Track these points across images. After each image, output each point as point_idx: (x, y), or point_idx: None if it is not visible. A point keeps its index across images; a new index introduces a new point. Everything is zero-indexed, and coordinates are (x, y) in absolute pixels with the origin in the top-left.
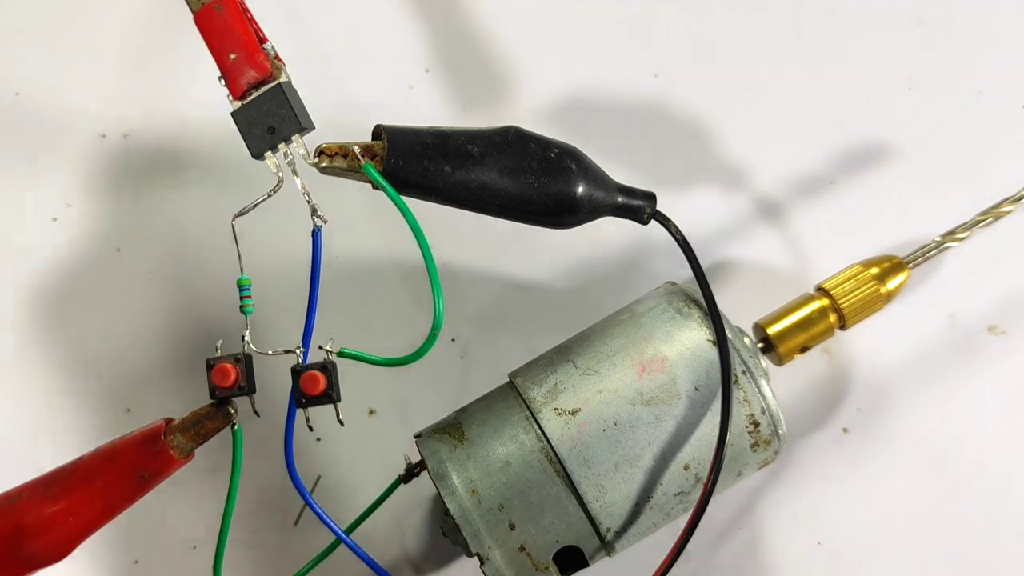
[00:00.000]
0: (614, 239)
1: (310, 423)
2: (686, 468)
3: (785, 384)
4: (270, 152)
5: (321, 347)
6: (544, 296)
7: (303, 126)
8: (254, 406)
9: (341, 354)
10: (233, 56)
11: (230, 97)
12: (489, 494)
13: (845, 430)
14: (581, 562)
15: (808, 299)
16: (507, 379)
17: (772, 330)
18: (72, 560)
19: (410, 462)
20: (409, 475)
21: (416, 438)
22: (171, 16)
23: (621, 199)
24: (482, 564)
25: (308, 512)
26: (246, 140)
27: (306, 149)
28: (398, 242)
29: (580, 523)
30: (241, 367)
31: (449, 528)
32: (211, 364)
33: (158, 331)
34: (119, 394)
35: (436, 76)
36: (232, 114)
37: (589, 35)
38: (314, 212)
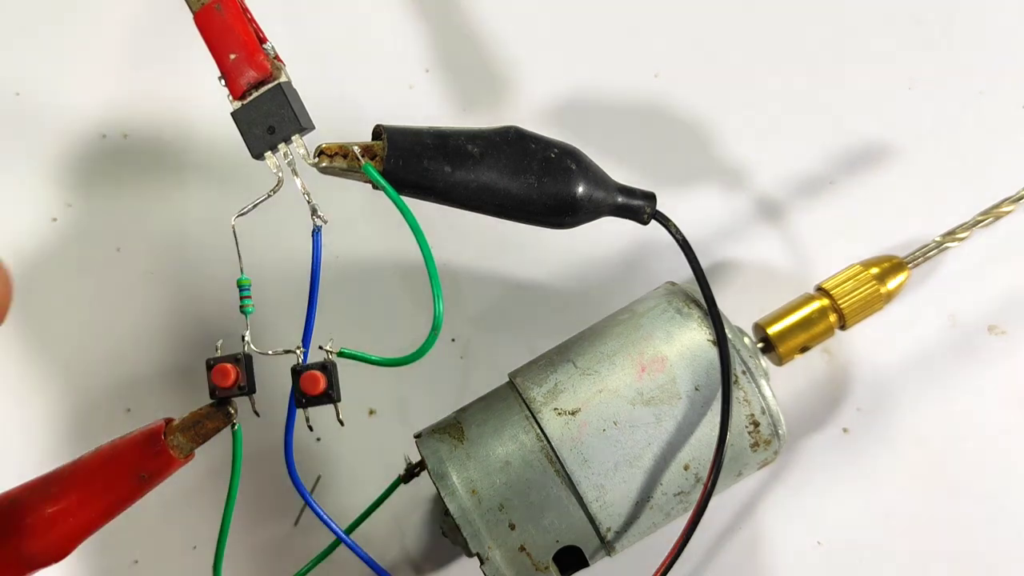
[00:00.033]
0: (614, 239)
1: (310, 423)
2: (686, 468)
3: (785, 384)
4: (270, 152)
5: (321, 347)
6: (544, 296)
7: (303, 126)
8: (254, 406)
9: (341, 354)
10: (233, 56)
11: (230, 97)
12: (489, 494)
13: (845, 430)
14: (581, 562)
15: (808, 299)
16: (507, 379)
17: (772, 330)
18: (72, 560)
19: (410, 462)
20: (409, 475)
21: (416, 438)
22: (171, 16)
23: (621, 199)
24: (482, 564)
25: (308, 512)
26: (246, 140)
27: (306, 149)
28: (398, 242)
29: (580, 523)
30: (241, 367)
31: (449, 528)
32: (211, 364)
33: (158, 331)
34: (119, 394)
35: (436, 76)
36: (232, 114)
37: (589, 35)
38: (314, 212)
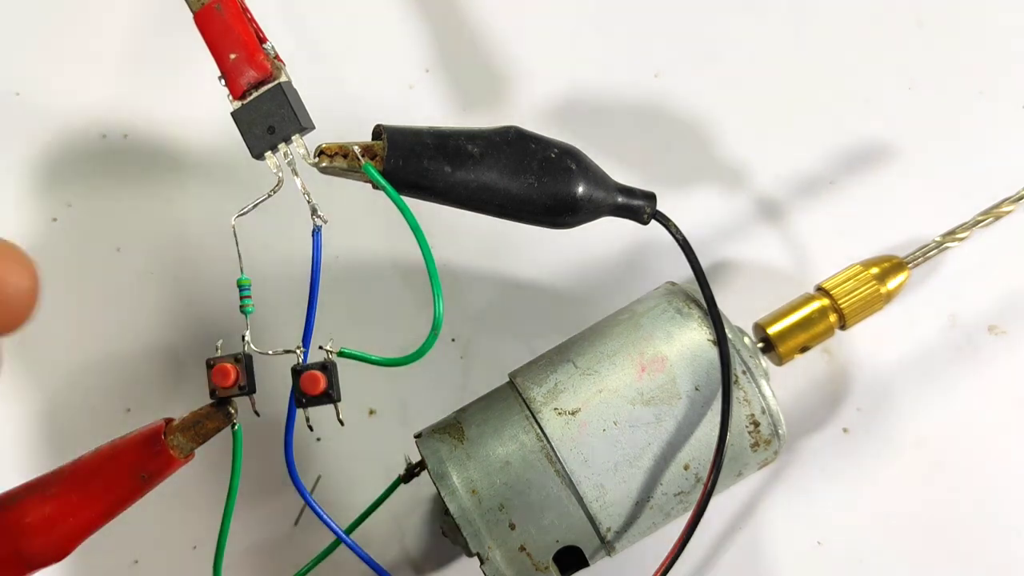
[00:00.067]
0: (614, 239)
1: (310, 423)
2: (686, 468)
3: (785, 384)
4: (270, 152)
5: (321, 347)
6: (544, 296)
7: (303, 126)
8: (254, 406)
9: (341, 354)
10: (233, 56)
11: (230, 97)
12: (489, 494)
13: (845, 430)
14: (581, 562)
15: (808, 299)
16: (507, 379)
17: (772, 330)
18: (72, 560)
19: (410, 462)
20: (409, 475)
21: (416, 438)
22: (171, 16)
23: (621, 199)
24: (482, 564)
25: (308, 512)
26: (246, 140)
27: (306, 149)
28: (398, 242)
29: (580, 523)
30: (241, 367)
31: (449, 528)
32: (211, 364)
33: (158, 331)
34: (119, 394)
35: (436, 76)
36: (232, 114)
37: (589, 35)
38: (314, 212)
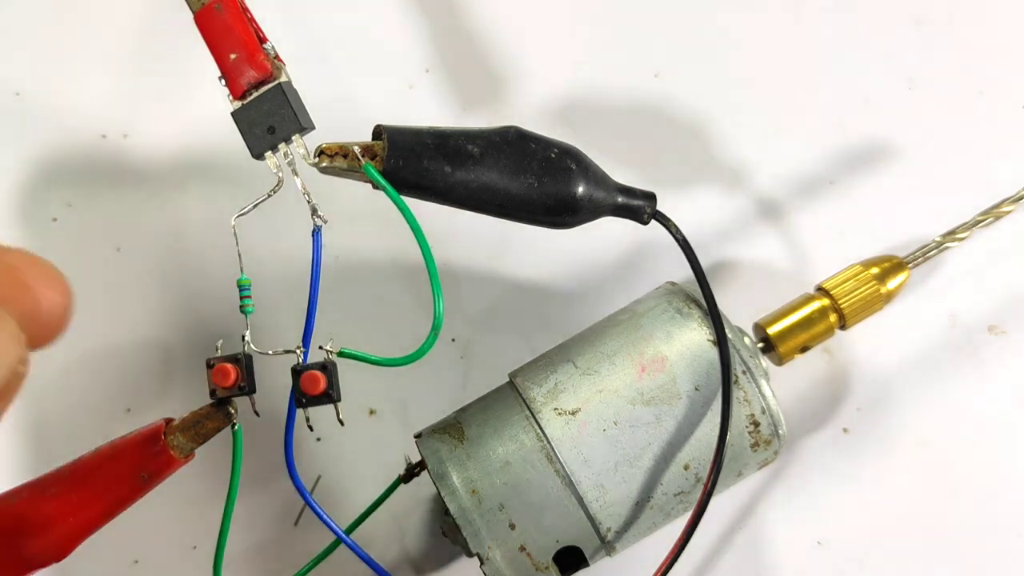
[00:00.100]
0: (614, 239)
1: (310, 423)
2: (686, 468)
3: (785, 384)
4: (270, 152)
5: (321, 347)
6: (544, 296)
7: (303, 126)
8: (254, 406)
9: (341, 354)
10: (233, 56)
11: (230, 97)
12: (489, 494)
13: (845, 430)
14: (581, 562)
15: (808, 299)
16: (507, 379)
17: (772, 330)
18: (72, 560)
19: (410, 462)
20: (409, 475)
21: (416, 438)
22: (171, 16)
23: (621, 199)
24: (482, 564)
25: (308, 512)
26: (246, 140)
27: (306, 149)
28: (398, 242)
29: (580, 523)
30: (241, 367)
31: (449, 528)
32: (211, 364)
33: (158, 331)
34: (119, 394)
35: (436, 76)
36: (232, 114)
37: (589, 35)
38: (314, 212)
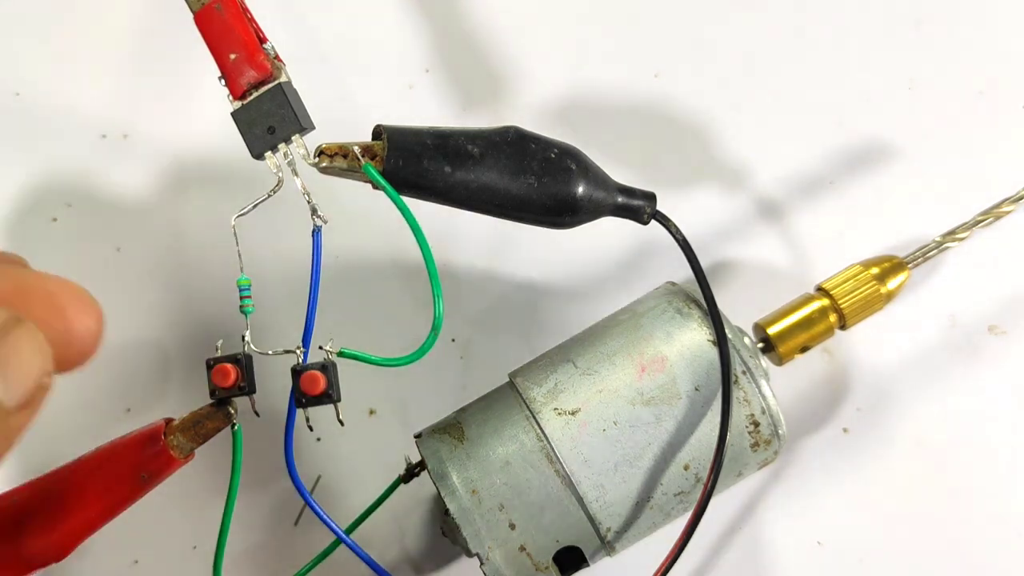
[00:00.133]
0: (614, 239)
1: (310, 423)
2: (686, 468)
3: (785, 384)
4: (270, 152)
5: (321, 347)
6: (544, 296)
7: (303, 126)
8: (254, 406)
9: (341, 354)
10: (233, 56)
11: (230, 97)
12: (489, 494)
13: (845, 430)
14: (581, 562)
15: (808, 299)
16: (507, 379)
17: (772, 330)
18: (72, 560)
19: (410, 462)
20: (409, 475)
21: (416, 438)
22: (171, 16)
23: (621, 199)
24: (482, 564)
25: (308, 512)
26: (246, 140)
27: (306, 149)
28: (398, 242)
29: (580, 523)
30: (241, 367)
31: (449, 528)
32: (211, 364)
33: (158, 331)
34: (119, 394)
35: (436, 76)
36: (232, 114)
37: (589, 35)
38: (314, 212)
